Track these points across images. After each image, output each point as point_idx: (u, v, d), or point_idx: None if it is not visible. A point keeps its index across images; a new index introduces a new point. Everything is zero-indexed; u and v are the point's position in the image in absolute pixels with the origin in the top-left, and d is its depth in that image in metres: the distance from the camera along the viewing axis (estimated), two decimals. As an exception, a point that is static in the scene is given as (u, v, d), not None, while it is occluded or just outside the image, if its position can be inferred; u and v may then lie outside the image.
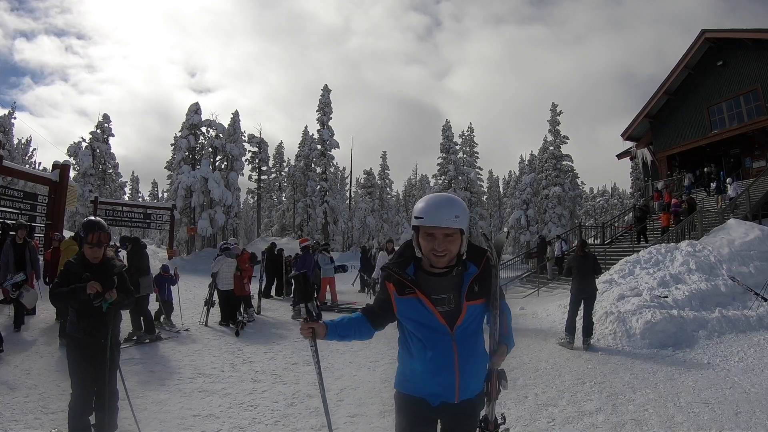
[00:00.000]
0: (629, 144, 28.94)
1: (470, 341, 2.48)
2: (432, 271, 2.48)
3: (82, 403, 4.29)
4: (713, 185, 23.26)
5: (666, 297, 10.42)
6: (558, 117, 47.07)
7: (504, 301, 2.61)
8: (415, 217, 2.41)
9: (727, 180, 21.72)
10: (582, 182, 50.84)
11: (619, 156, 30.48)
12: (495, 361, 2.51)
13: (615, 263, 14.01)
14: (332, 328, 2.66)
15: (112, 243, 5.08)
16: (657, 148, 26.85)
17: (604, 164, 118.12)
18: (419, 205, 2.42)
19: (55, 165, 18.92)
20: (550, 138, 48.07)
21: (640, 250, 14.37)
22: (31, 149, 56.71)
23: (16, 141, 50.32)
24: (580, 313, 9.31)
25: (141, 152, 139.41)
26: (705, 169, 24.33)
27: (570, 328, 9.28)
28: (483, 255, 2.54)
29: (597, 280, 10.34)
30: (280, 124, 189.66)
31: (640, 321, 9.40)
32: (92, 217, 4.54)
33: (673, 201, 20.89)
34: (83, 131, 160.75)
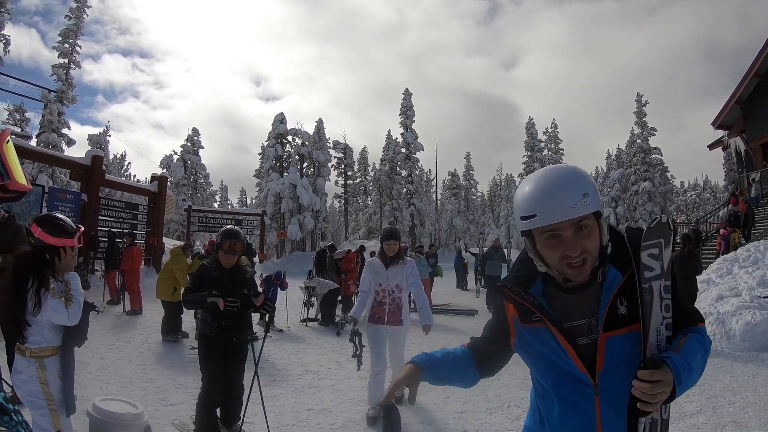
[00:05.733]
0: (720, 133, 27.41)
1: (623, 391, 1.48)
2: (567, 285, 1.60)
3: (211, 396, 4.62)
4: None
5: (767, 297, 10.14)
6: (644, 108, 45.73)
7: (696, 334, 1.59)
8: (522, 218, 1.53)
9: None
10: (672, 176, 49.08)
11: (711, 146, 29.00)
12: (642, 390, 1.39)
13: (711, 262, 13.66)
14: (428, 369, 1.72)
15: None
16: (750, 136, 25.06)
17: (694, 153, 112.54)
18: (523, 193, 1.53)
19: (154, 177, 20.38)
20: (637, 130, 46.74)
21: (738, 248, 13.96)
22: (126, 163, 61.02)
23: (111, 156, 53.97)
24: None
25: (217, 161, 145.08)
26: None
27: (669, 329, 9.08)
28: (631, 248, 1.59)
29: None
30: (349, 127, 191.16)
31: (740, 322, 9.16)
32: (230, 226, 4.80)
33: (722, 231, 18.72)
34: (161, 144, 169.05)
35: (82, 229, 3.50)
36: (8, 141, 1.10)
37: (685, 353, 1.49)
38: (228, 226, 4.78)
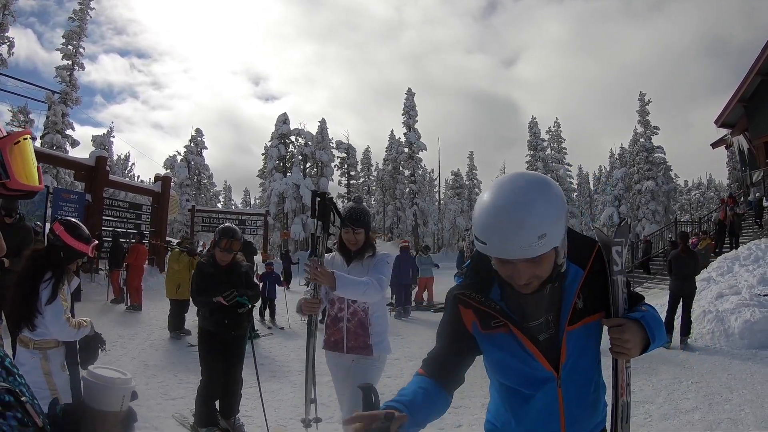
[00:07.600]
0: (724, 131, 27.19)
1: (581, 380, 1.67)
2: None
3: (210, 389, 4.73)
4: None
5: (766, 295, 10.17)
6: (647, 106, 45.61)
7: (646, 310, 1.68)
8: (476, 238, 1.47)
9: None
10: (675, 174, 49.00)
11: (714, 145, 28.74)
12: (613, 332, 1.56)
13: (712, 261, 13.69)
14: (412, 422, 1.49)
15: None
16: (753, 134, 24.67)
17: (697, 152, 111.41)
18: (480, 209, 1.44)
19: (157, 177, 20.55)
20: (640, 129, 46.57)
21: (738, 247, 13.99)
22: (130, 164, 61.55)
23: (115, 157, 54.41)
24: (678, 311, 9.22)
25: (220, 161, 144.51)
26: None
27: (668, 326, 9.02)
28: (591, 249, 1.68)
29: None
30: (352, 127, 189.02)
31: (739, 320, 9.21)
32: (228, 224, 4.81)
33: (692, 240, 17.46)
34: (162, 144, 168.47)
35: (96, 242, 3.61)
36: (18, 142, 1.18)
37: (651, 315, 1.63)
38: (226, 224, 4.81)
